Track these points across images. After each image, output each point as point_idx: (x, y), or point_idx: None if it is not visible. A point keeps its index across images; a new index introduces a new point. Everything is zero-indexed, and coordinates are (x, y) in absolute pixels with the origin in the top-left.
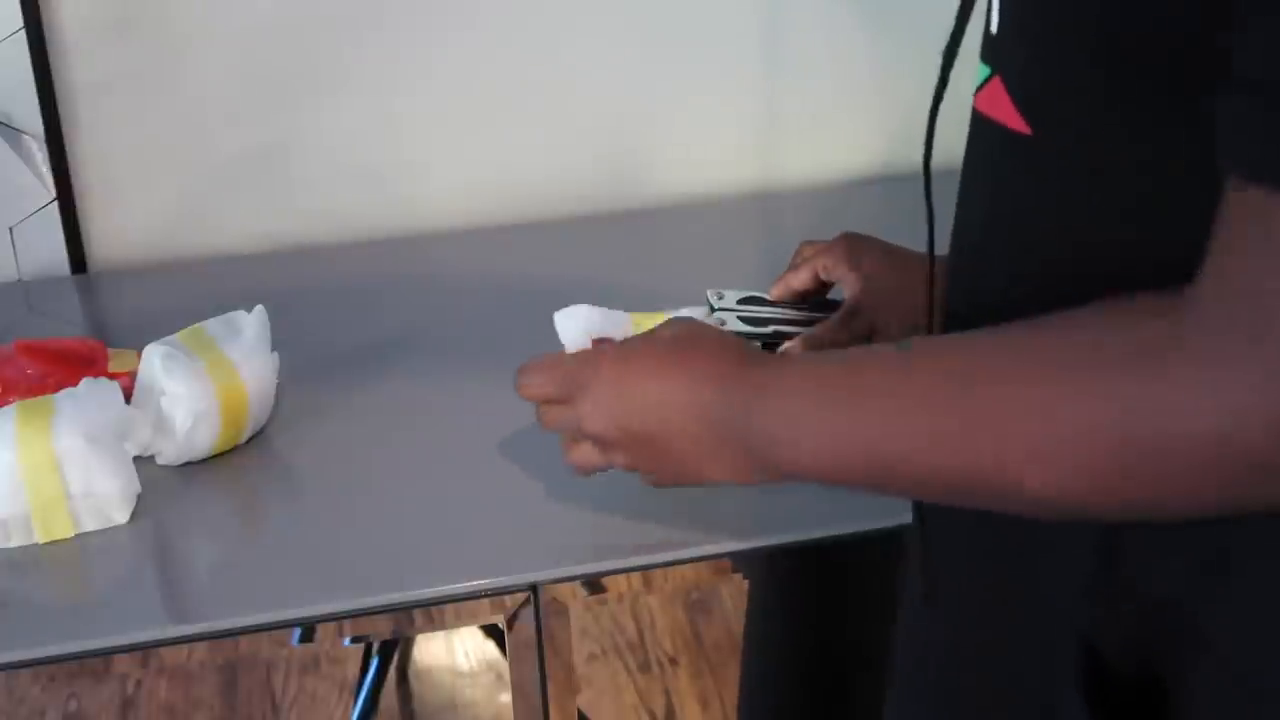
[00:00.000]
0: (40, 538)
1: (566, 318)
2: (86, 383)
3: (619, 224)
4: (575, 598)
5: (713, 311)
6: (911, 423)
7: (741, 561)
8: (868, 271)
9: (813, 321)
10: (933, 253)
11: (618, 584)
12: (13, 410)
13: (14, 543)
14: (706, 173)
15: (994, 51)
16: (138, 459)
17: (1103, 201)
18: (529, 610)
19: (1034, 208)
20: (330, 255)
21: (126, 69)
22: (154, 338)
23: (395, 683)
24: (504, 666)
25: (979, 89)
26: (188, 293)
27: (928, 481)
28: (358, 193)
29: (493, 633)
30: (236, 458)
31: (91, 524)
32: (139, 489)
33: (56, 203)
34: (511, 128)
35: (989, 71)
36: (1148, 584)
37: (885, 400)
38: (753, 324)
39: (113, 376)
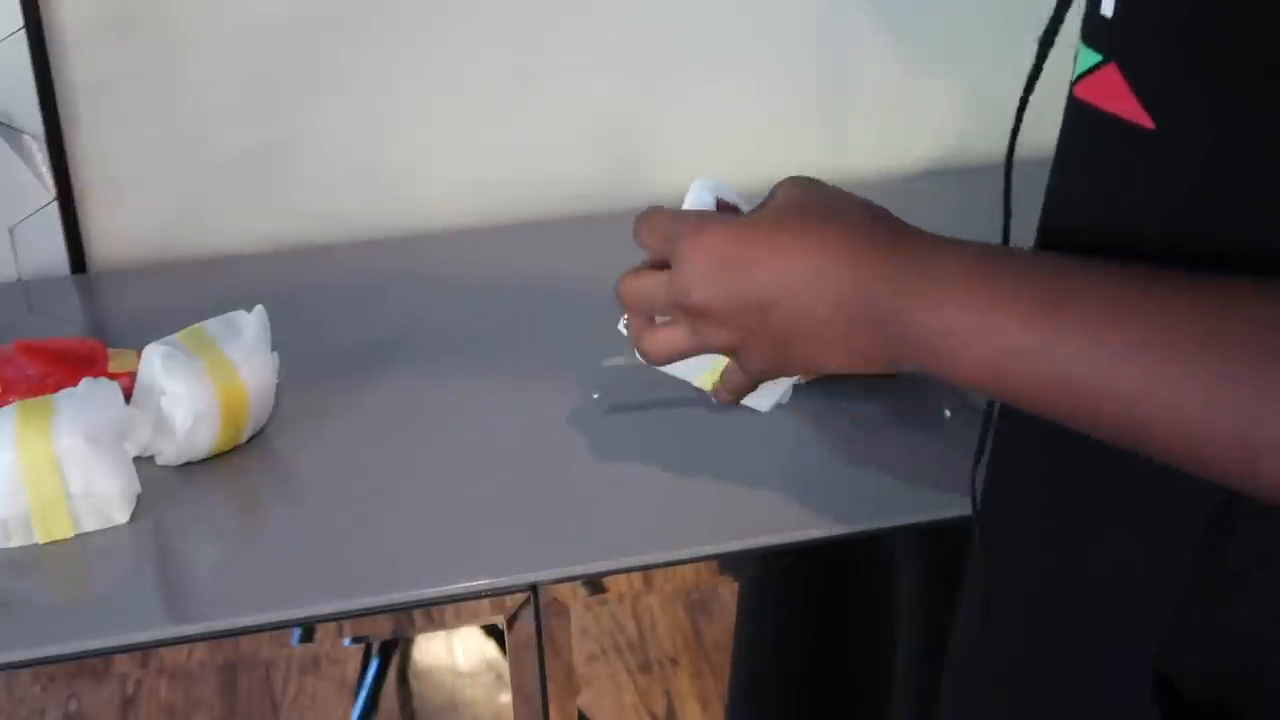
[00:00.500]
0: (40, 538)
1: (700, 190)
2: (86, 383)
3: (619, 224)
4: (575, 598)
5: None
6: (1131, 367)
7: (729, 564)
8: None
9: None
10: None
11: (618, 584)
12: (13, 410)
13: (14, 543)
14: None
15: (1107, 36)
16: (138, 459)
17: (1231, 199)
18: (529, 610)
19: (1152, 206)
20: (330, 255)
21: (126, 69)
22: (154, 338)
23: (395, 683)
24: (504, 666)
25: (1082, 76)
26: (188, 293)
27: (1126, 432)
28: (357, 193)
29: (493, 633)
30: (236, 458)
31: (91, 524)
32: (139, 489)
33: (56, 203)
34: (511, 128)
35: (1099, 58)
36: (1230, 618)
37: (1098, 330)
38: None
39: (113, 376)
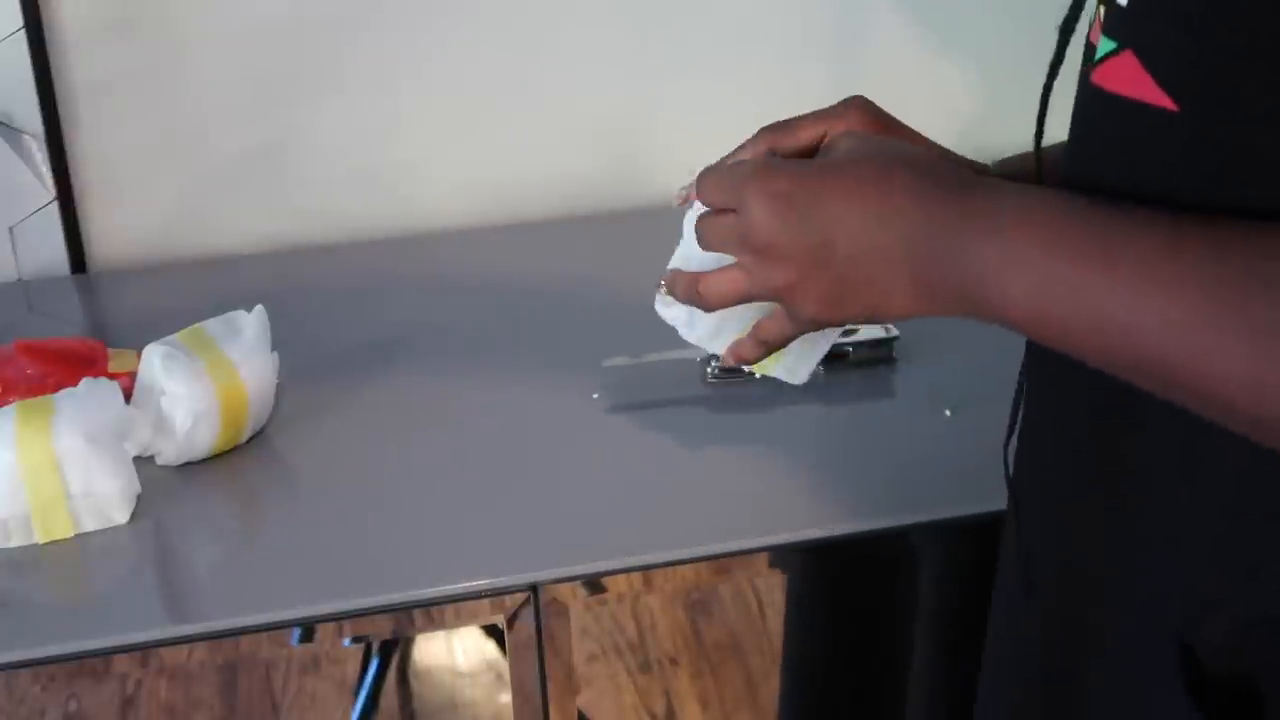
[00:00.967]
0: (40, 538)
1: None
2: (86, 383)
3: (619, 224)
4: (575, 598)
5: None
6: (1174, 311)
7: (779, 556)
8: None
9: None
10: None
11: (618, 584)
12: (13, 410)
13: (14, 543)
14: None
15: (1124, 25)
16: (138, 459)
17: (1259, 178)
18: (529, 610)
19: (1179, 186)
20: (330, 255)
21: (126, 69)
22: (154, 338)
23: (395, 683)
24: (504, 666)
25: (1098, 63)
26: (188, 293)
27: (1154, 370)
28: (357, 193)
29: (493, 633)
30: (236, 458)
31: (91, 524)
32: (139, 489)
33: (56, 203)
34: (511, 128)
35: (1115, 45)
36: (1251, 596)
37: (1144, 276)
38: None
39: (113, 376)
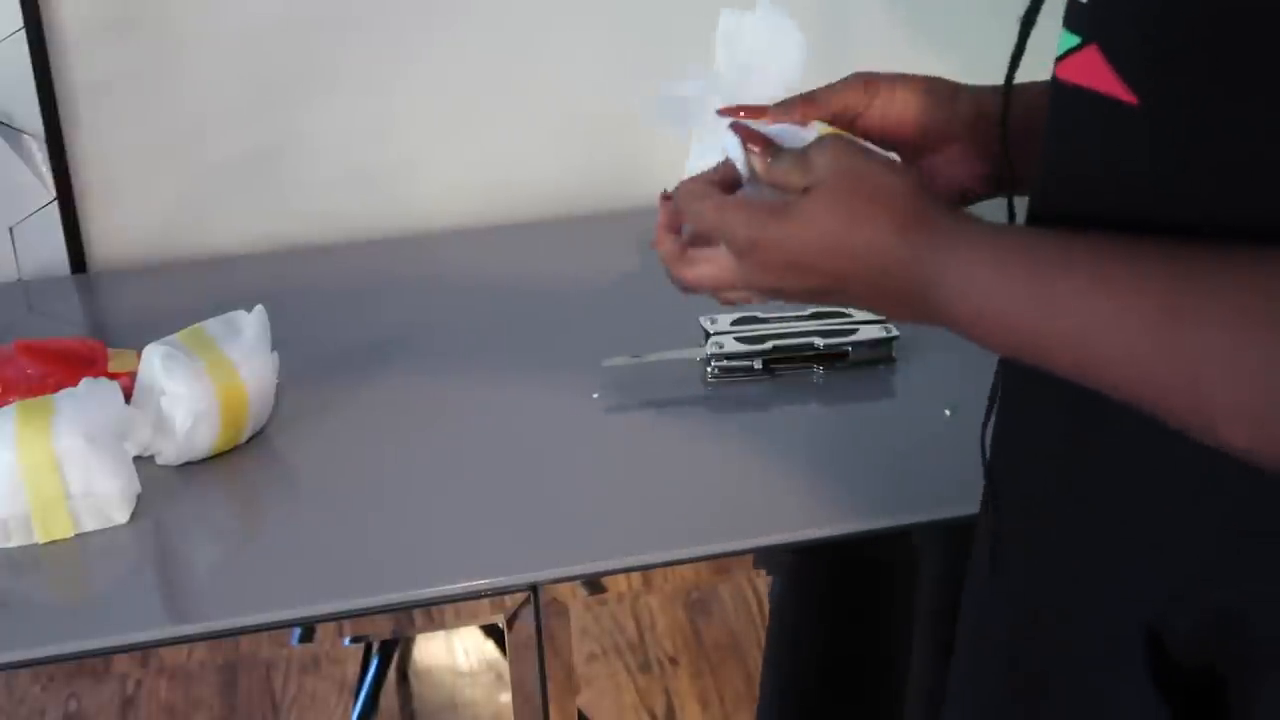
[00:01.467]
0: (40, 538)
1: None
2: (86, 383)
3: (618, 224)
4: (575, 598)
5: (708, 336)
6: (1104, 334)
7: (763, 557)
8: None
9: (811, 334)
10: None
11: (618, 584)
12: (13, 410)
13: (14, 543)
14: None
15: (1086, 19)
16: (138, 459)
17: (1216, 173)
18: (529, 610)
19: (1143, 177)
20: (329, 255)
21: (126, 69)
22: (154, 338)
23: (395, 683)
24: (504, 666)
25: (1062, 57)
26: (188, 293)
27: (1097, 381)
28: (356, 193)
29: (493, 633)
30: (236, 458)
31: (91, 524)
32: (139, 489)
33: (56, 203)
34: (509, 128)
35: (1078, 40)
36: (1216, 587)
37: (1080, 297)
38: (750, 343)
39: (113, 376)
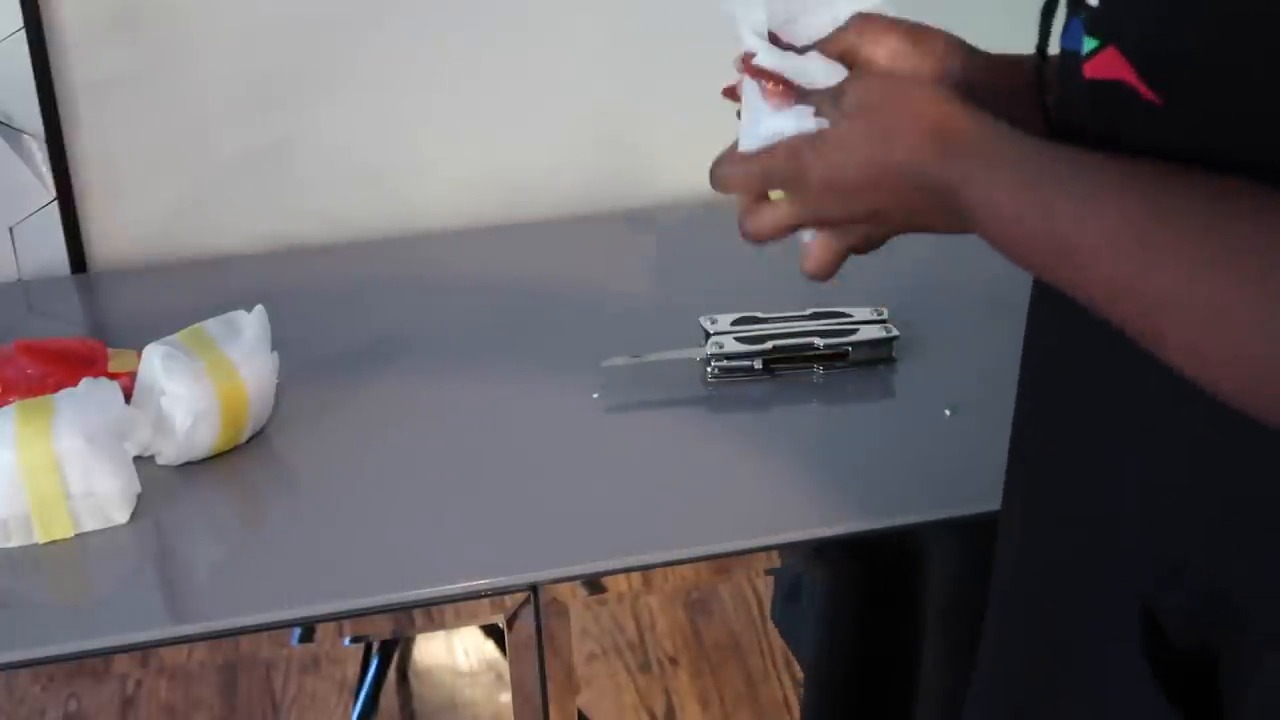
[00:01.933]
0: (40, 538)
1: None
2: (86, 383)
3: (619, 224)
4: (575, 598)
5: (708, 336)
6: (1088, 253)
7: (763, 557)
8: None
9: (811, 334)
10: None
11: (618, 584)
12: (13, 410)
13: (14, 543)
14: (706, 173)
15: (1100, 22)
16: (138, 459)
17: (1243, 166)
18: (529, 610)
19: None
20: (330, 255)
21: (126, 69)
22: (154, 338)
23: (395, 683)
24: (504, 666)
25: (1085, 58)
26: (188, 293)
27: (1090, 300)
28: (357, 193)
29: (493, 633)
30: (236, 458)
31: (91, 524)
32: (139, 489)
33: (56, 203)
34: (511, 128)
35: (1097, 43)
36: (1210, 566)
37: (1089, 197)
38: (750, 343)
39: (113, 376)
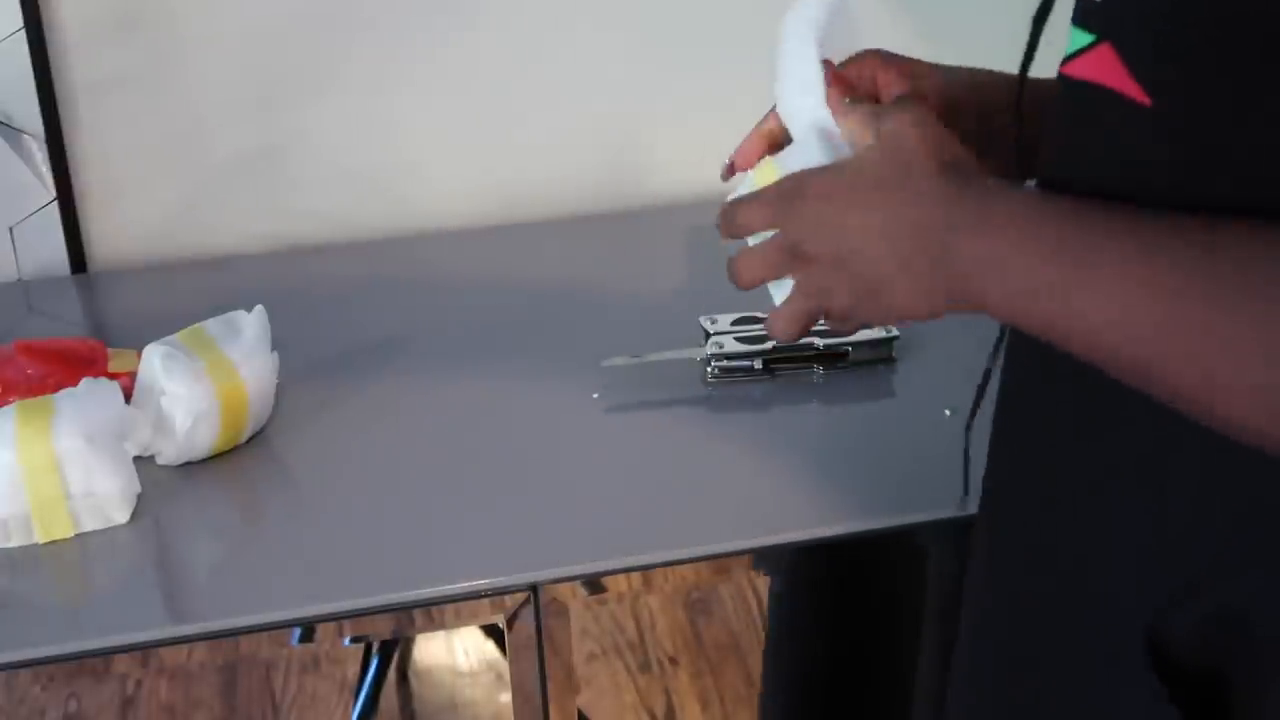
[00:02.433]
0: (40, 538)
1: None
2: (86, 383)
3: (619, 224)
4: (575, 598)
5: (708, 336)
6: (1117, 309)
7: (763, 557)
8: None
9: (811, 334)
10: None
11: (618, 584)
12: (13, 410)
13: (14, 543)
14: (706, 173)
15: (1099, 18)
16: (138, 459)
17: (1230, 168)
18: (529, 610)
19: (1152, 176)
20: (330, 255)
21: (126, 69)
22: (154, 338)
23: (395, 683)
24: (504, 666)
25: (1073, 56)
26: (188, 293)
27: (1108, 361)
28: (357, 193)
29: (493, 633)
30: (236, 458)
31: (91, 524)
32: (139, 489)
33: (56, 203)
34: (510, 128)
35: (1091, 38)
36: (1218, 589)
37: (1113, 278)
38: (750, 343)
39: (113, 376)
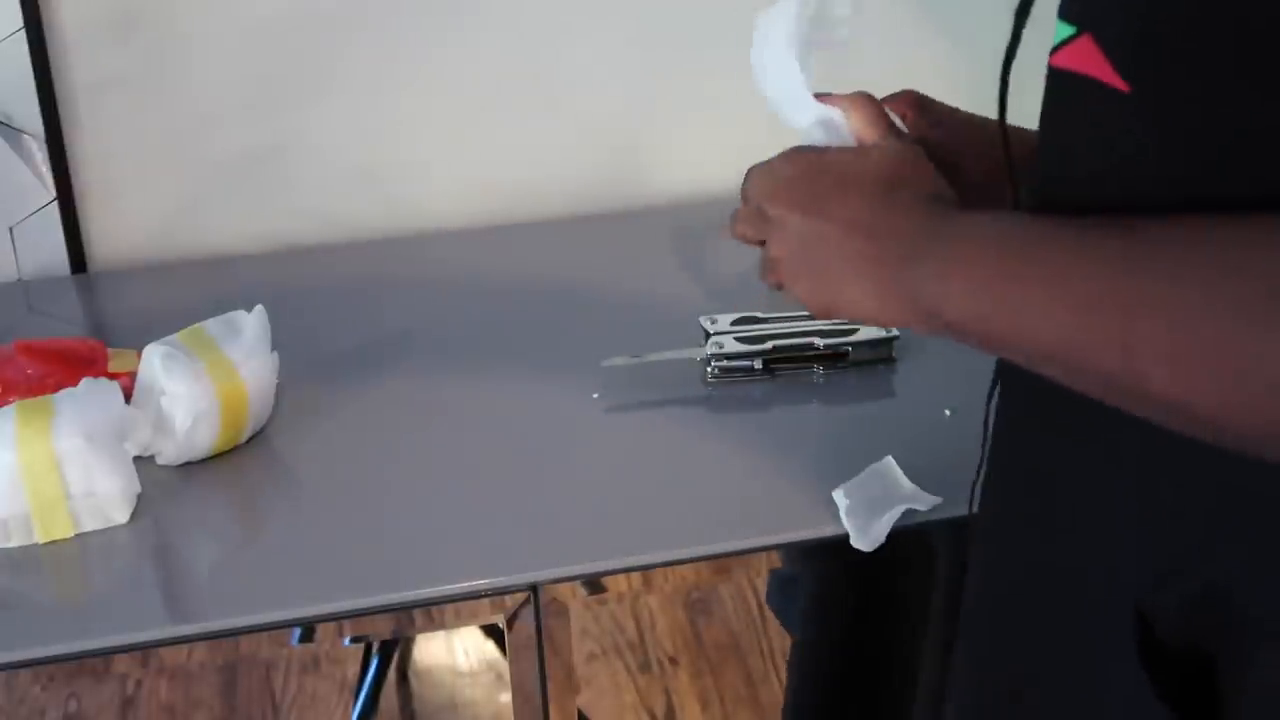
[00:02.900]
0: (40, 538)
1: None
2: (86, 383)
3: (619, 224)
4: (575, 598)
5: (708, 336)
6: (1062, 311)
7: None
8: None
9: (811, 334)
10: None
11: (618, 584)
12: (13, 410)
13: (14, 543)
14: (706, 173)
15: (1081, 10)
16: (138, 459)
17: (1207, 154)
18: (529, 610)
19: (1134, 163)
20: (330, 255)
21: (126, 69)
22: (154, 338)
23: (395, 683)
24: (504, 666)
25: (1058, 47)
26: (188, 293)
27: (1057, 361)
28: (357, 193)
29: (493, 633)
30: (236, 458)
31: (91, 524)
32: (139, 489)
33: (56, 203)
34: (511, 128)
35: (1073, 30)
36: (1204, 567)
37: (1049, 295)
38: (750, 343)
39: (113, 376)
